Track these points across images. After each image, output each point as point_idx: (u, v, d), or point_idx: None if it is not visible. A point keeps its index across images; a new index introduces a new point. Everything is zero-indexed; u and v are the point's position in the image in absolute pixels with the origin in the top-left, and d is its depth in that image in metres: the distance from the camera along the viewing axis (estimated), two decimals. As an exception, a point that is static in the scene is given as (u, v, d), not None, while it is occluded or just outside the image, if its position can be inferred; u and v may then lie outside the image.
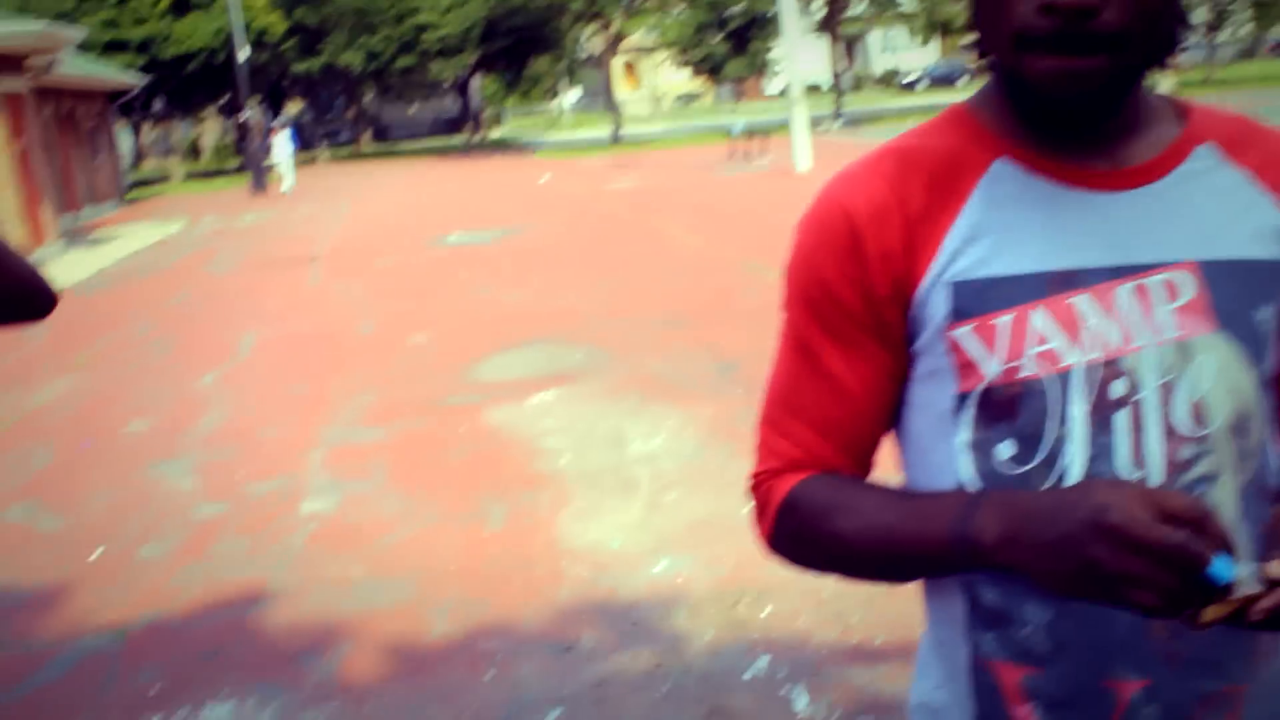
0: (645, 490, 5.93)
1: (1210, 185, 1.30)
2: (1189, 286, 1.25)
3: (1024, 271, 1.24)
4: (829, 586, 4.38)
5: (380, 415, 7.85)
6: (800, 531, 1.34)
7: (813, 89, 56.43)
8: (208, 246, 20.43)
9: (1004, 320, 1.24)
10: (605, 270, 13.12)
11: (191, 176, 44.94)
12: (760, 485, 1.38)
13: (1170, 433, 1.23)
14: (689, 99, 78.57)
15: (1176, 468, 1.23)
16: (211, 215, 26.37)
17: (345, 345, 10.41)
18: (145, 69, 39.80)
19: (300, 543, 5.72)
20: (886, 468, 1.38)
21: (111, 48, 39.75)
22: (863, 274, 1.28)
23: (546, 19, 45.59)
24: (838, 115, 39.89)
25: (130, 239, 23.00)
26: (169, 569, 5.53)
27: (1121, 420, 1.23)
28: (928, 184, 1.29)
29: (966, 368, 1.25)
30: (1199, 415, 1.24)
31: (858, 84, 68.27)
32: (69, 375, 10.24)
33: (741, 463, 5.91)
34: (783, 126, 26.19)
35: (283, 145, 31.92)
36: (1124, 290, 1.24)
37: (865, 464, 1.38)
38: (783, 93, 25.38)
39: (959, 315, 1.25)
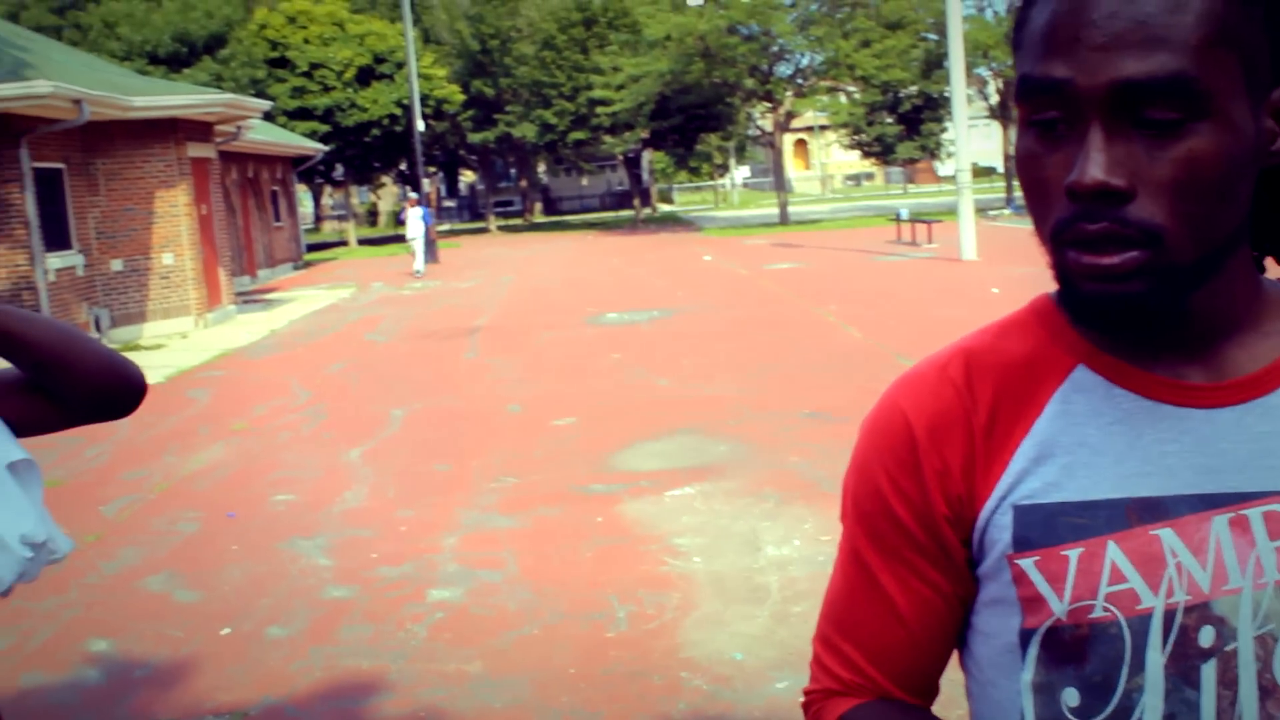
0: (774, 599, 5.78)
1: None
2: None
3: (1100, 498, 1.10)
4: (952, 723, 4.18)
5: (518, 501, 7.84)
6: None
7: (986, 172, 55.86)
8: (373, 314, 20.91)
9: (1074, 553, 1.10)
10: (757, 357, 13.02)
11: (365, 242, 46.22)
12: (811, 706, 1.28)
13: (1266, 692, 1.08)
14: (859, 179, 78.33)
15: None
16: (380, 282, 27.05)
17: (492, 424, 10.48)
18: (327, 137, 41.24)
19: (424, 633, 5.70)
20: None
21: (297, 115, 41.30)
22: (920, 490, 1.16)
23: (718, 97, 45.93)
24: (1009, 201, 39.30)
25: (302, 302, 23.69)
26: (294, 651, 5.56)
27: (1208, 675, 1.08)
28: (998, 391, 1.16)
29: (1033, 601, 1.12)
30: None
31: (1032, 169, 67.08)
32: (224, 441, 10.51)
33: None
34: (951, 212, 25.85)
35: (414, 223, 29.92)
36: (1218, 523, 1.09)
37: (924, 691, 1.26)
38: (954, 176, 25.05)
39: (1024, 544, 1.12)
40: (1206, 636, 1.08)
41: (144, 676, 5.39)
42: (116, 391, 1.98)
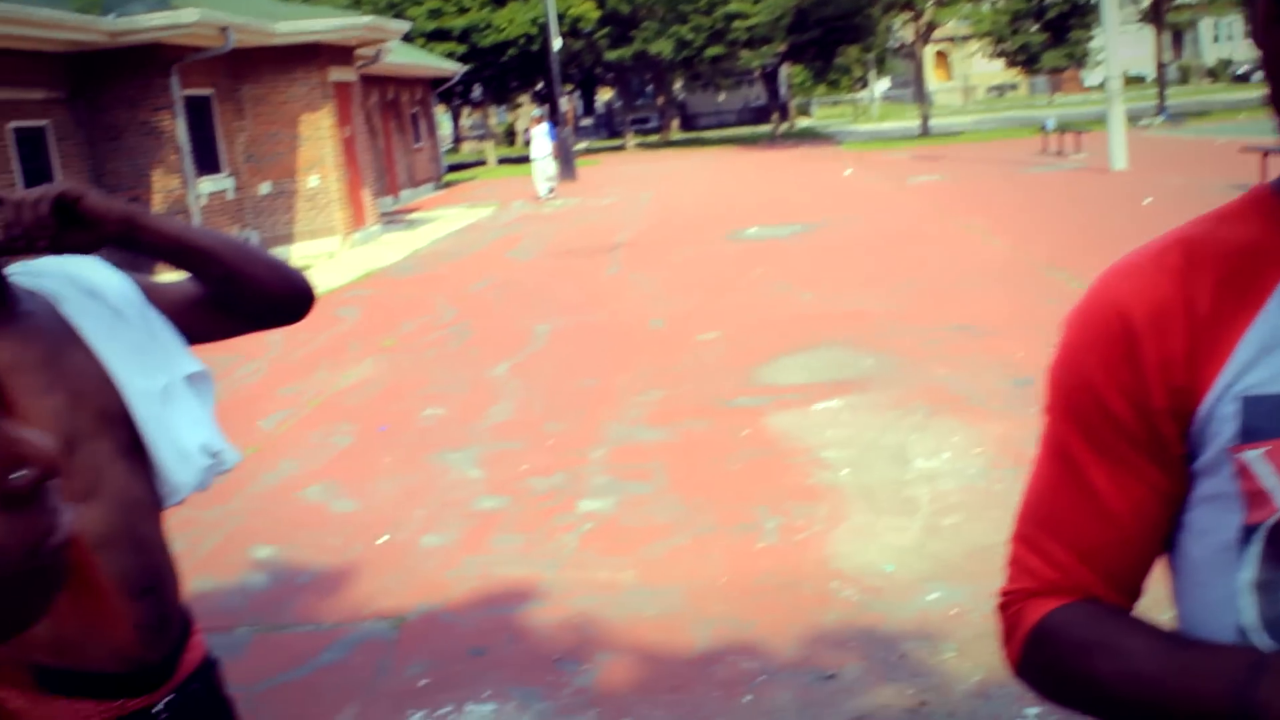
0: (925, 512, 5.73)
1: None
2: None
3: None
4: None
5: (664, 415, 7.87)
6: (1052, 665, 1.19)
7: (1135, 81, 54.00)
8: (514, 232, 21.06)
9: None
10: (902, 271, 12.83)
11: (505, 161, 46.49)
12: (1010, 606, 1.24)
13: None
14: (1002, 90, 76.35)
15: None
16: (520, 200, 27.20)
17: (636, 339, 10.51)
18: (465, 57, 41.43)
19: (574, 542, 5.78)
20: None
21: (434, 37, 41.55)
22: (1137, 382, 1.12)
23: (857, 8, 45.05)
24: (1161, 110, 37.94)
25: (443, 222, 23.95)
26: (448, 560, 5.68)
27: None
28: (1220, 281, 1.11)
29: (1256, 496, 1.07)
30: None
31: (1184, 76, 64.89)
32: (374, 358, 10.72)
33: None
34: (1100, 121, 25.03)
35: (539, 142, 27.43)
36: None
37: (1131, 593, 1.22)
38: (1101, 85, 24.21)
39: (1250, 435, 1.07)
40: None
41: (306, 582, 5.56)
42: (289, 298, 2.02)
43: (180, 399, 1.96)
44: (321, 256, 19.44)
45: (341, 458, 7.54)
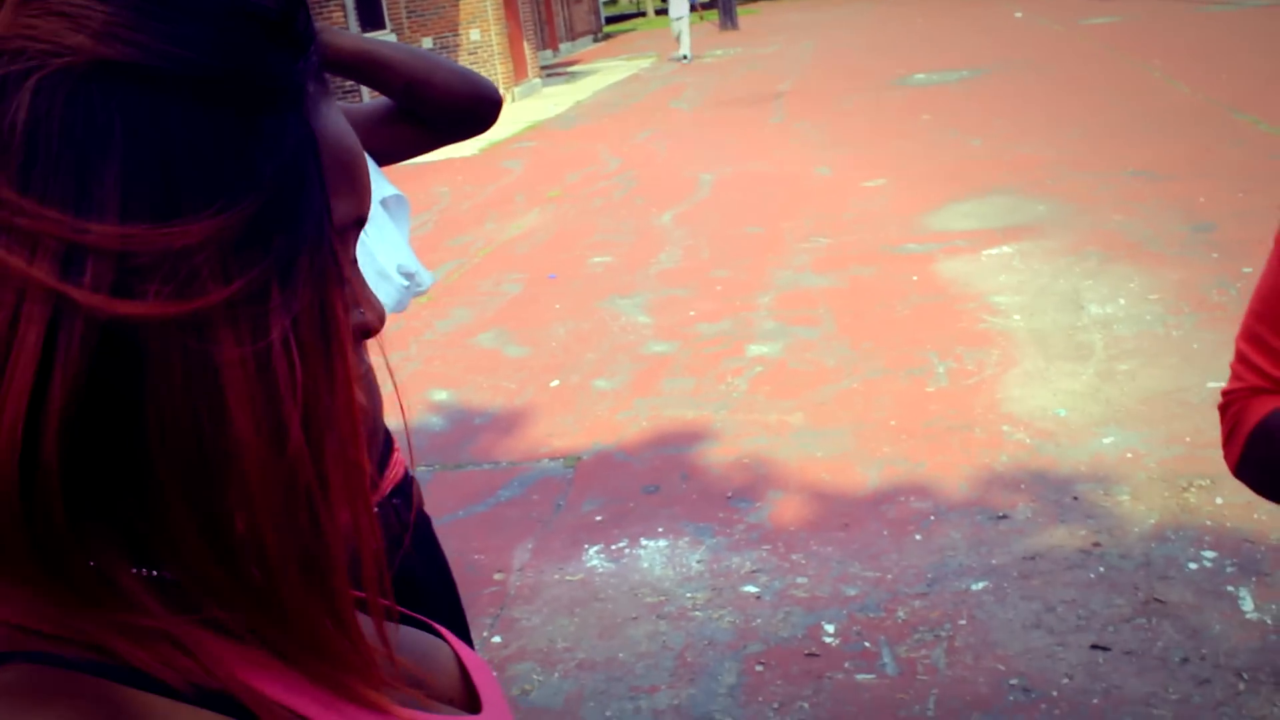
0: (1099, 357, 5.64)
1: None
2: None
3: None
4: (1295, 479, 4.03)
5: (831, 261, 7.83)
6: (1273, 461, 1.20)
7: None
8: (676, 82, 20.89)
9: None
10: (1075, 116, 12.41)
11: (662, 12, 45.84)
12: (1233, 405, 1.24)
13: None
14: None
15: None
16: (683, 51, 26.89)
17: (801, 187, 10.42)
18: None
19: (744, 385, 5.84)
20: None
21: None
22: None
23: None
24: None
25: (604, 74, 23.86)
26: (620, 402, 5.80)
27: None
28: None
29: None
30: None
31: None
32: (540, 208, 10.83)
33: (1208, 335, 5.54)
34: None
35: (678, 1, 26.16)
36: None
37: None
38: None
39: None
40: None
41: (483, 424, 5.73)
42: (477, 104, 2.03)
43: (377, 221, 2.03)
44: (485, 109, 19.55)
45: (512, 305, 7.70)
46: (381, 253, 2.02)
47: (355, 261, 0.67)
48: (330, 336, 0.56)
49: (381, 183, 2.06)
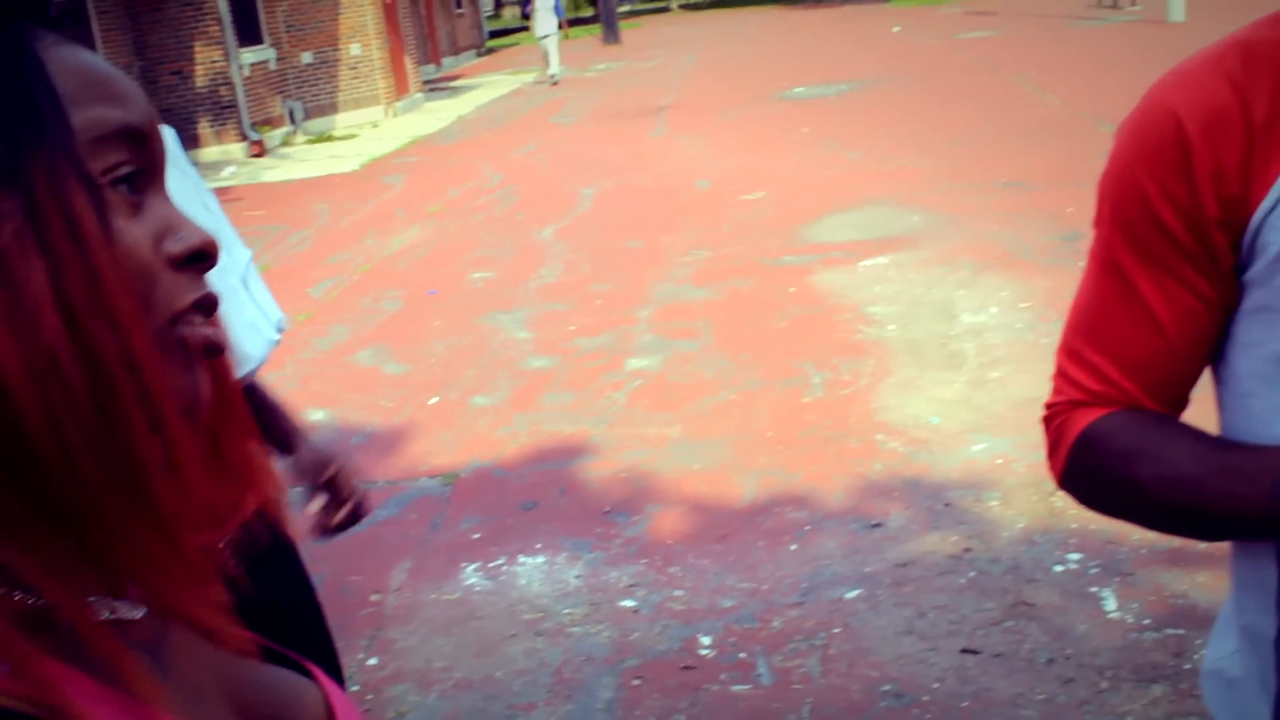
0: (971, 365, 5.74)
1: None
2: None
3: None
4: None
5: (710, 274, 7.88)
6: (1096, 473, 1.21)
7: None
8: (558, 96, 20.90)
9: None
10: (951, 128, 12.65)
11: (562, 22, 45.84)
12: (1056, 417, 1.25)
13: None
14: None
15: None
16: (565, 65, 26.91)
17: (682, 200, 10.48)
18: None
19: (623, 399, 5.84)
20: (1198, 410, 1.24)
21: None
22: (1189, 192, 1.09)
23: None
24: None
25: (487, 89, 23.79)
26: (499, 418, 5.77)
27: None
28: (1278, 85, 1.07)
29: None
30: None
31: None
32: (421, 224, 10.75)
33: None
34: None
35: (544, 17, 23.66)
36: None
37: (1176, 404, 1.22)
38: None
39: None
40: None
41: (360, 443, 5.66)
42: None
43: (256, 278, 2.09)
44: (366, 125, 19.41)
45: (391, 322, 7.63)
46: (258, 308, 2.06)
47: (162, 190, 0.66)
48: (79, 238, 0.57)
49: (239, 244, 2.10)
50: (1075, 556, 3.89)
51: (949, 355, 5.92)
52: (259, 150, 16.71)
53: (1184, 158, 1.09)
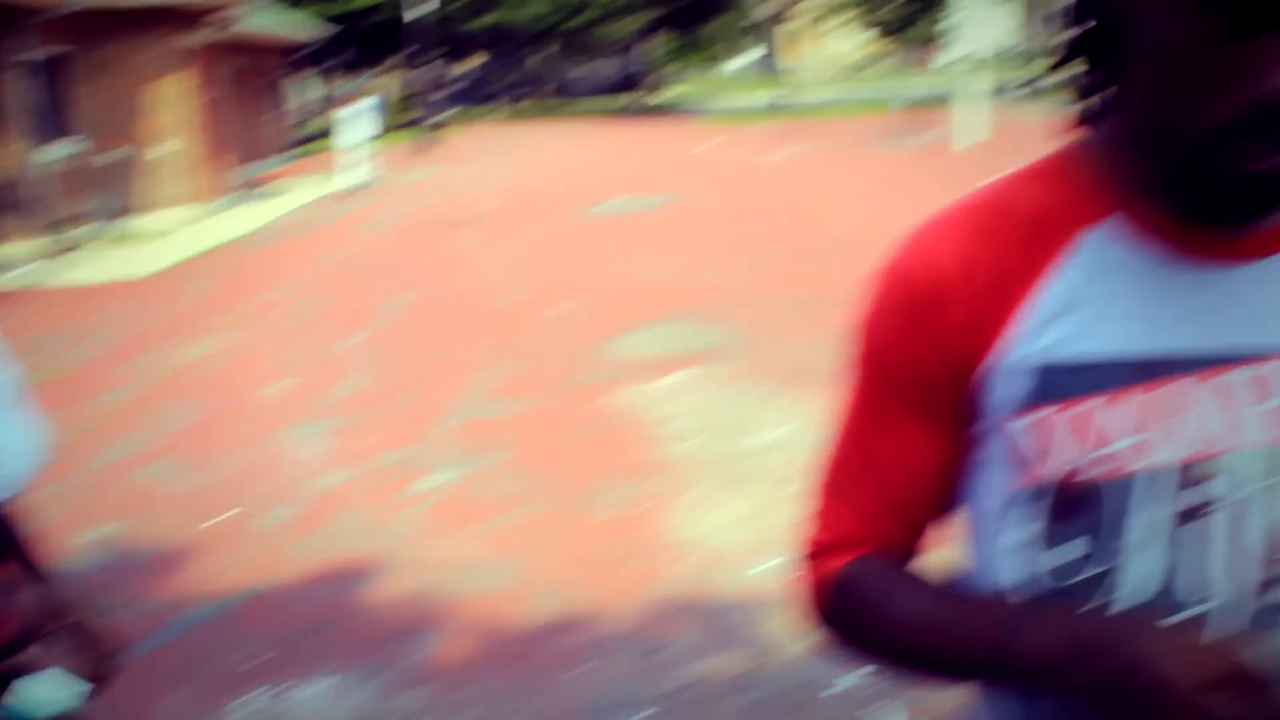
0: (761, 485, 5.85)
1: None
2: None
3: (1111, 355, 1.08)
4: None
5: (513, 388, 7.90)
6: (852, 615, 1.24)
7: (998, 57, 54.97)
8: (370, 203, 20.81)
9: (1080, 410, 1.09)
10: (754, 246, 13.00)
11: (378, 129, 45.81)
12: (813, 556, 1.28)
13: (1254, 549, 1.07)
14: (862, 65, 77.40)
15: (1256, 589, 1.08)
16: (378, 171, 26.85)
17: (488, 313, 10.51)
18: (323, 24, 40.71)
19: (417, 517, 5.79)
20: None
21: (291, 1, 40.74)
22: (930, 344, 1.14)
23: (720, -18, 45.27)
24: (1023, 86, 38.66)
25: (298, 193, 23.56)
26: (288, 537, 5.65)
27: (1209, 527, 1.07)
28: (1014, 245, 1.12)
29: (1029, 460, 1.12)
30: None
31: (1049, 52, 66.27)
32: (220, 332, 10.53)
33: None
34: (955, 98, 25.57)
35: (357, 124, 22.71)
36: (1223, 382, 1.08)
37: (920, 545, 1.27)
38: (958, 62, 24.78)
39: (1032, 400, 1.10)
40: (1210, 490, 1.07)
41: (144, 561, 5.48)
42: None
43: (12, 395, 2.00)
44: (174, 226, 19.02)
45: (184, 434, 7.43)
46: (19, 429, 1.98)
47: None
48: None
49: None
50: (855, 676, 3.97)
51: (741, 473, 6.02)
52: (59, 249, 16.22)
53: (924, 312, 1.14)
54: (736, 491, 5.77)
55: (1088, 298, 1.10)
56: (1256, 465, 1.07)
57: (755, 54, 76.56)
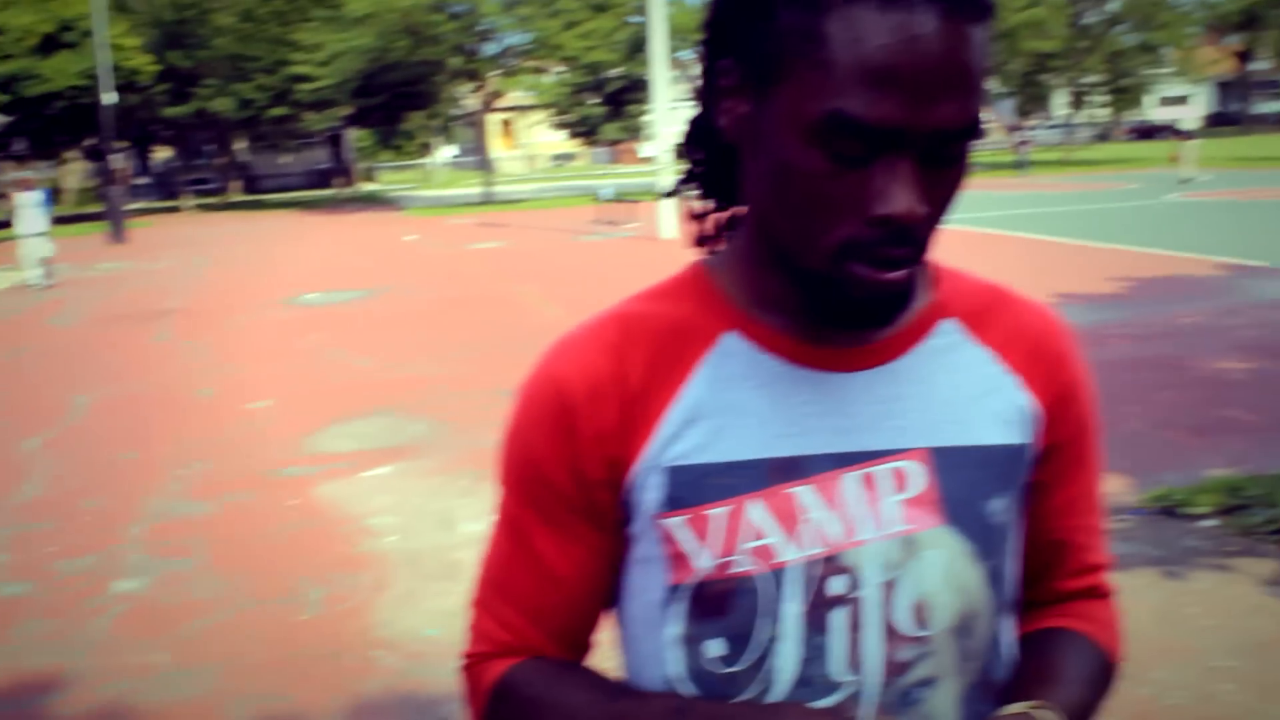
0: (469, 575, 5.81)
1: (951, 364, 1.23)
2: (919, 476, 1.18)
3: (743, 459, 1.16)
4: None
5: (209, 487, 7.65)
6: (511, 718, 1.27)
7: (687, 154, 56.62)
8: (58, 296, 19.89)
9: (719, 512, 1.16)
10: (457, 336, 13.05)
11: (71, 220, 43.83)
12: (471, 669, 1.31)
13: (890, 633, 1.17)
14: (564, 159, 78.90)
15: (895, 670, 1.17)
16: (67, 264, 25.67)
17: (184, 409, 10.17)
18: (7, 108, 38.89)
19: (107, 626, 5.52)
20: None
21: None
22: (575, 454, 1.20)
23: (423, 75, 45.40)
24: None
25: (-23, 285, 22.30)
26: (-37, 652, 5.30)
27: (839, 620, 1.16)
28: (651, 356, 1.20)
29: (679, 559, 1.18)
30: (921, 615, 1.17)
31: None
32: (-112, 434, 9.85)
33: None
34: (654, 191, 26.35)
35: (29, 214, 21.35)
36: (849, 480, 1.17)
37: (580, 648, 1.31)
38: (656, 156, 25.61)
39: (672, 504, 1.17)
40: (837, 585, 1.16)
41: None
42: None
43: None
44: None
45: None
46: None
47: None
48: None
49: None
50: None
51: (448, 565, 6.00)
52: None
53: (569, 422, 1.20)
54: (444, 584, 5.74)
55: (715, 407, 1.18)
56: (879, 558, 1.17)
57: (464, 145, 77.13)
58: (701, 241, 1.33)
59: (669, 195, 1.37)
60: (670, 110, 25.34)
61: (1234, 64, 75.68)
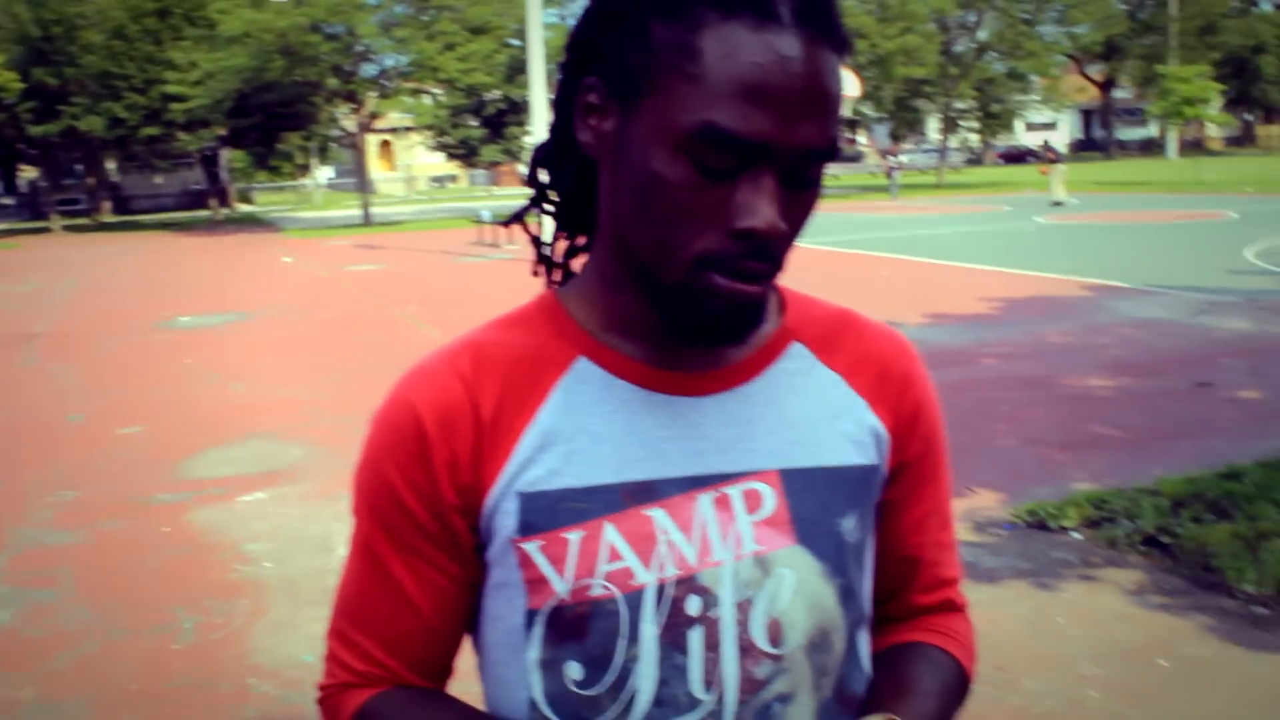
0: (346, 600, 5.76)
1: (801, 386, 1.25)
2: (771, 497, 1.20)
3: (599, 483, 1.18)
4: None
5: (77, 515, 7.46)
6: None
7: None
8: (-84, 320, 19.27)
9: (574, 536, 1.17)
10: (335, 359, 12.90)
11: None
12: (329, 700, 1.30)
13: (746, 651, 1.19)
14: (443, 181, 78.49)
15: (751, 687, 1.19)
16: (-74, 286, 24.93)
17: (51, 435, 9.91)
18: None
19: (-32, 659, 5.36)
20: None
21: None
22: (429, 482, 1.20)
23: (299, 96, 44.73)
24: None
25: None
26: None
27: (696, 640, 1.18)
28: (503, 383, 1.21)
29: (536, 583, 1.19)
30: (776, 633, 1.19)
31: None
32: None
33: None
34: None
35: None
36: (703, 501, 1.19)
37: (439, 674, 1.31)
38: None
39: (528, 529, 1.18)
40: (693, 606, 1.18)
41: None
42: None
43: None
44: None
45: None
46: None
47: None
48: None
49: None
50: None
51: (325, 590, 5.92)
52: None
53: (423, 449, 1.20)
54: (321, 609, 5.66)
55: (568, 433, 1.20)
56: (734, 578, 1.19)
57: (342, 166, 76.34)
58: (549, 268, 1.35)
59: (509, 222, 1.39)
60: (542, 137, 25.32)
61: (1097, 92, 78.00)
